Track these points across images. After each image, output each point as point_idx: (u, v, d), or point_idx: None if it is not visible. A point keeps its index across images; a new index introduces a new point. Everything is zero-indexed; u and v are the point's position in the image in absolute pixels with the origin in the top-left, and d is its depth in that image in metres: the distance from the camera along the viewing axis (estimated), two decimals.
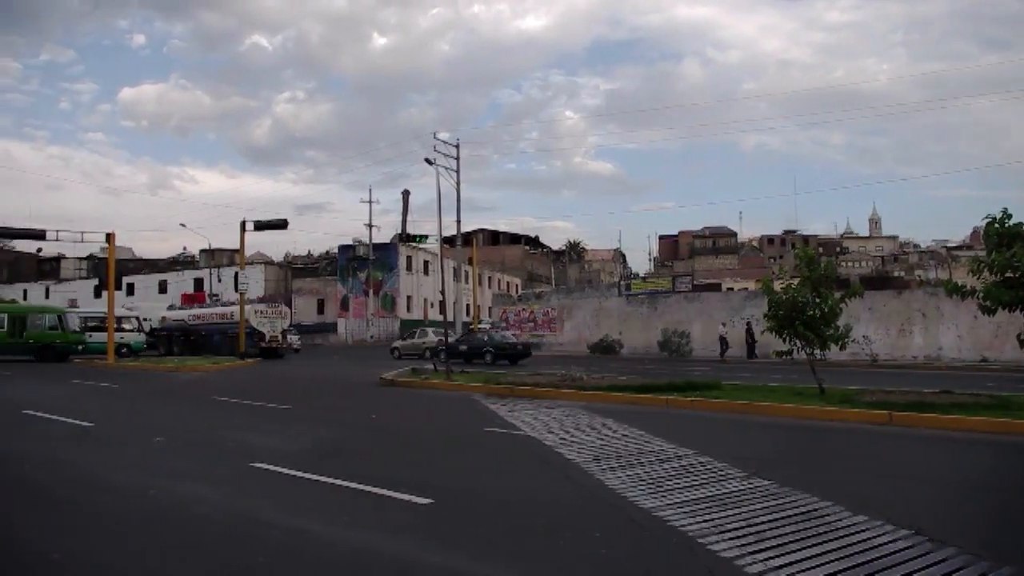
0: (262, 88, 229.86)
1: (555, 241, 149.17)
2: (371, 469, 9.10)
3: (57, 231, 36.40)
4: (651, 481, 8.17)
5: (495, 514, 7.11)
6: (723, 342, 34.13)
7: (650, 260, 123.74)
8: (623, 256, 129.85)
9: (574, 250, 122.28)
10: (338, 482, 8.28)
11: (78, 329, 38.79)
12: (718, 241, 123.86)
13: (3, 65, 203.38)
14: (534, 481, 8.58)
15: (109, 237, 37.18)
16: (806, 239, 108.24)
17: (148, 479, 8.80)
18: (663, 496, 7.45)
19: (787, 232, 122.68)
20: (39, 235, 36.50)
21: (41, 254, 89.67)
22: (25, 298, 74.08)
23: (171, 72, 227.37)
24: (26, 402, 17.14)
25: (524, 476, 8.93)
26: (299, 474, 8.74)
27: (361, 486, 7.98)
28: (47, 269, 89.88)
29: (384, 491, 7.73)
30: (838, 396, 14.92)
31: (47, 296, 75.24)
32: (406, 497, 7.47)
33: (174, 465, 9.80)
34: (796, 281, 15.86)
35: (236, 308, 41.25)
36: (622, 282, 48.52)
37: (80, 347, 37.89)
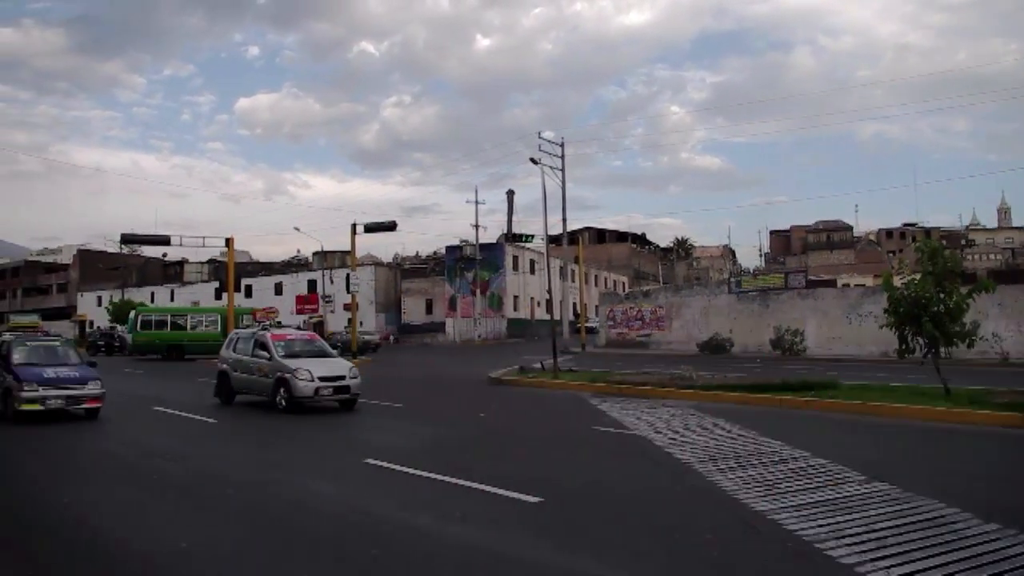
0: (370, 93, 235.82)
1: (662, 238, 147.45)
2: (481, 467, 9.19)
3: (181, 236, 38.17)
4: (765, 483, 7.98)
5: (605, 514, 7.07)
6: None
7: (761, 256, 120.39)
8: (732, 252, 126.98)
9: (682, 247, 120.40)
10: (449, 479, 8.40)
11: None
12: (832, 236, 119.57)
13: (131, 81, 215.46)
14: (644, 481, 8.49)
15: (228, 241, 38.75)
16: (928, 232, 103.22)
17: (267, 473, 9.15)
18: (777, 499, 7.25)
19: (907, 225, 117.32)
20: (164, 241, 38.35)
21: (166, 259, 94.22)
22: (152, 300, 78.01)
23: (283, 81, 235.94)
24: (156, 399, 18.09)
25: (634, 476, 8.85)
26: (411, 471, 8.91)
27: (472, 483, 8.08)
28: (171, 273, 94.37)
29: (495, 489, 7.80)
30: (965, 397, 14.18)
31: (172, 299, 79.05)
32: (516, 495, 7.51)
33: (291, 460, 10.16)
34: (918, 276, 15.14)
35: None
36: (732, 279, 47.46)
37: None
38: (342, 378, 15.50)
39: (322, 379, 15.08)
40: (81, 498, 8.00)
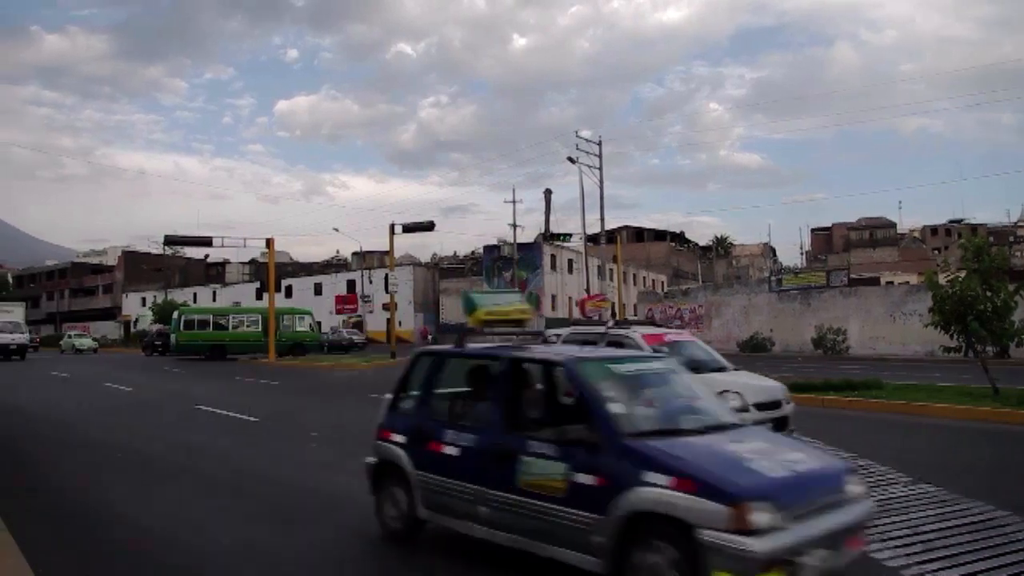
0: (407, 94, 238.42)
1: (701, 237, 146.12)
2: None
3: (222, 238, 38.89)
4: None
5: None
6: None
7: (802, 254, 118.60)
8: (773, 250, 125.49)
9: (721, 245, 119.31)
10: None
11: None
12: (875, 233, 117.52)
13: (173, 85, 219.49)
14: None
15: (269, 242, 39.24)
16: (974, 228, 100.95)
17: (307, 472, 9.23)
18: None
19: (952, 221, 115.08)
20: (207, 242, 38.98)
21: (208, 260, 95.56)
22: (195, 300, 79.08)
23: (322, 83, 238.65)
24: (198, 398, 18.31)
25: None
26: None
27: None
28: (214, 273, 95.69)
29: None
30: (1015, 397, 13.86)
31: (214, 299, 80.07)
32: None
33: (331, 459, 10.21)
34: (963, 274, 14.84)
35: None
36: (772, 277, 46.92)
37: (320, 343, 43.00)
38: (777, 405, 10.13)
39: (757, 407, 9.59)
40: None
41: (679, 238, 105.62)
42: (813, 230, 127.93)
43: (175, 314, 42.86)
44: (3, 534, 6.06)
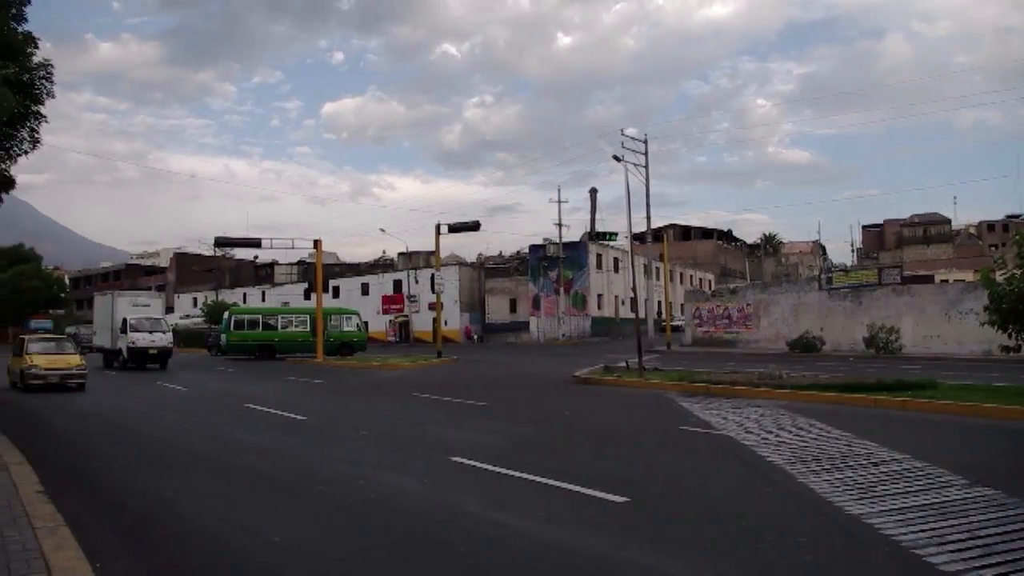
0: (452, 95, 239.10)
1: (749, 234, 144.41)
2: (567, 466, 9.15)
3: (271, 239, 39.47)
4: (860, 486, 7.71)
5: (693, 515, 6.96)
6: None
7: (853, 251, 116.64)
8: (823, 248, 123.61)
9: (769, 243, 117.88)
10: (534, 478, 8.39)
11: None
12: (929, 229, 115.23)
13: (223, 89, 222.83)
14: (732, 482, 8.32)
15: (316, 243, 39.72)
16: None
17: (356, 470, 9.30)
18: (873, 502, 7.01)
19: (1010, 217, 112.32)
20: (255, 243, 39.67)
21: (257, 261, 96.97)
22: (244, 301, 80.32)
23: (368, 85, 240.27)
24: (248, 397, 18.61)
25: (722, 476, 8.68)
26: (496, 469, 8.94)
27: (557, 483, 8.06)
28: (263, 274, 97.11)
29: (580, 488, 7.76)
30: None
31: (263, 299, 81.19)
32: (602, 495, 7.46)
33: (379, 458, 10.31)
34: (1020, 271, 14.45)
35: None
36: (822, 275, 46.10)
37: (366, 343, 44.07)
38: None
39: None
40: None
41: (726, 236, 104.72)
42: (864, 227, 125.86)
43: (225, 314, 43.61)
44: (62, 529, 6.22)
